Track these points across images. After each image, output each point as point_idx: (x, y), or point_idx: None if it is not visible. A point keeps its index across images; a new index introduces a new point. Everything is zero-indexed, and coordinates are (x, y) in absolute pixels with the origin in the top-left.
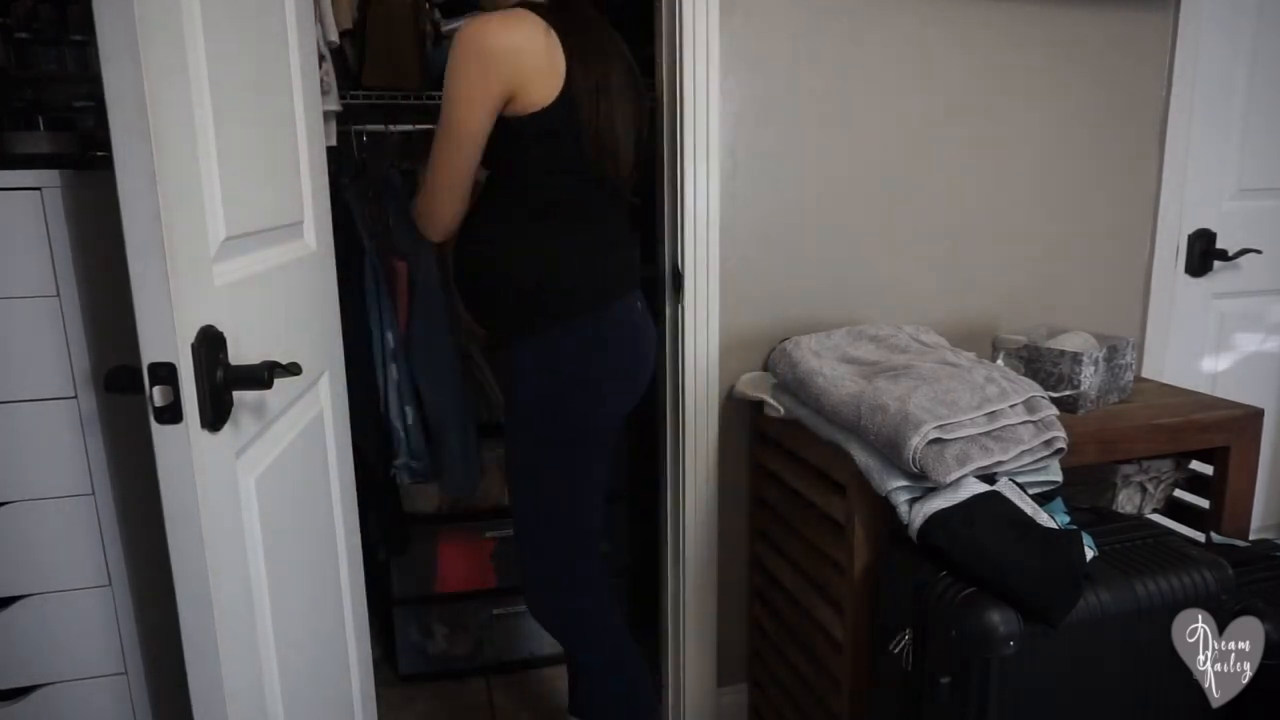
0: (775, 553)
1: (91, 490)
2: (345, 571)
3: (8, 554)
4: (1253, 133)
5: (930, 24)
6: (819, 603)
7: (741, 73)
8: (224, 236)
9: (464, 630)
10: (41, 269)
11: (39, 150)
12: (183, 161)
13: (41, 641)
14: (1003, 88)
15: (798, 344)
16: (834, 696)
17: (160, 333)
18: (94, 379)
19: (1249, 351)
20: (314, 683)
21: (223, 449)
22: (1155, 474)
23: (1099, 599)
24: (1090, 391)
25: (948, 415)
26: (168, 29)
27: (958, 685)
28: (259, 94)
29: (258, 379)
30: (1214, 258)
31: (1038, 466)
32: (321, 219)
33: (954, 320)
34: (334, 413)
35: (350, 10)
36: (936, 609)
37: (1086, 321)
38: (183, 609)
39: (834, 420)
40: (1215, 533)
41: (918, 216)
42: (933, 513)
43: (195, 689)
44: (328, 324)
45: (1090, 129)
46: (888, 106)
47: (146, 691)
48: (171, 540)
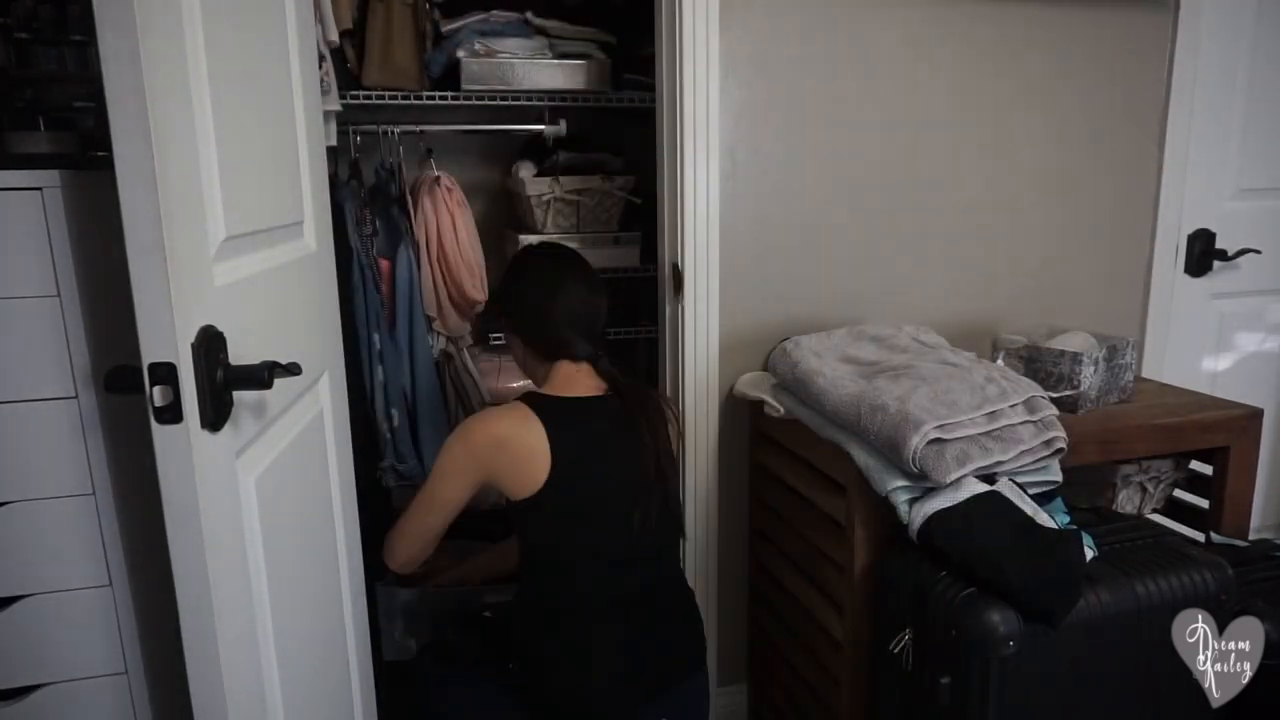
0: (775, 553)
1: (91, 490)
2: (345, 571)
3: (8, 554)
4: (1253, 133)
5: (930, 24)
6: (819, 603)
7: (741, 73)
8: (224, 236)
9: None
10: (41, 269)
11: (39, 150)
12: (183, 161)
13: (41, 641)
14: (1002, 88)
15: (798, 344)
16: (834, 696)
17: (160, 333)
18: (94, 379)
19: (1249, 351)
20: (314, 682)
21: (223, 449)
22: (1155, 474)
23: (1099, 599)
24: (1090, 391)
25: (948, 415)
26: (168, 29)
27: (958, 685)
28: (259, 94)
29: (258, 379)
30: (1214, 258)
31: (1038, 466)
32: (321, 219)
33: (954, 320)
34: (334, 413)
35: (350, 10)
36: (936, 609)
37: (1086, 321)
38: (183, 609)
39: (834, 420)
40: (1215, 533)
41: (917, 216)
42: (933, 513)
43: (195, 689)
44: (328, 324)
45: (1090, 129)
46: (888, 106)
47: (146, 691)
48: (171, 540)
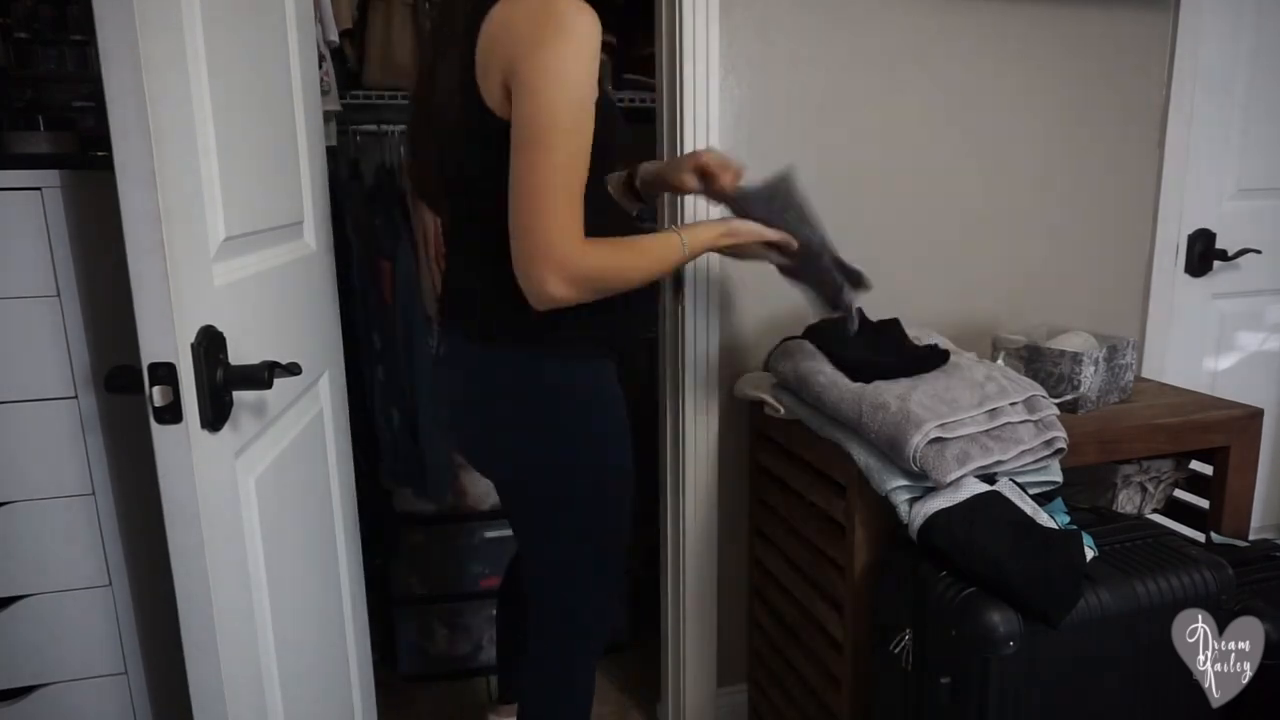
0: (775, 553)
1: (91, 490)
2: (345, 571)
3: (8, 554)
4: (1252, 133)
5: (930, 24)
6: (819, 603)
7: (741, 73)
8: (224, 236)
9: (464, 630)
10: (41, 269)
11: (39, 150)
12: (183, 161)
13: (41, 641)
14: (1002, 88)
15: (799, 344)
16: (834, 696)
17: (160, 333)
18: (94, 379)
19: (1249, 351)
20: (314, 682)
21: (222, 449)
22: (1155, 474)
23: (1099, 599)
24: (1090, 392)
25: (949, 414)
26: (168, 29)
27: (958, 685)
28: (259, 94)
29: (257, 379)
30: (1214, 258)
31: (1038, 466)
32: (321, 219)
33: (954, 320)
34: (334, 413)
35: (350, 10)
36: (936, 609)
37: (1086, 321)
38: (183, 609)
39: (835, 418)
40: (1215, 533)
41: (917, 216)
42: (933, 512)
43: (195, 689)
44: (327, 324)
45: (1090, 129)
46: (888, 106)
47: (146, 691)
48: (171, 540)
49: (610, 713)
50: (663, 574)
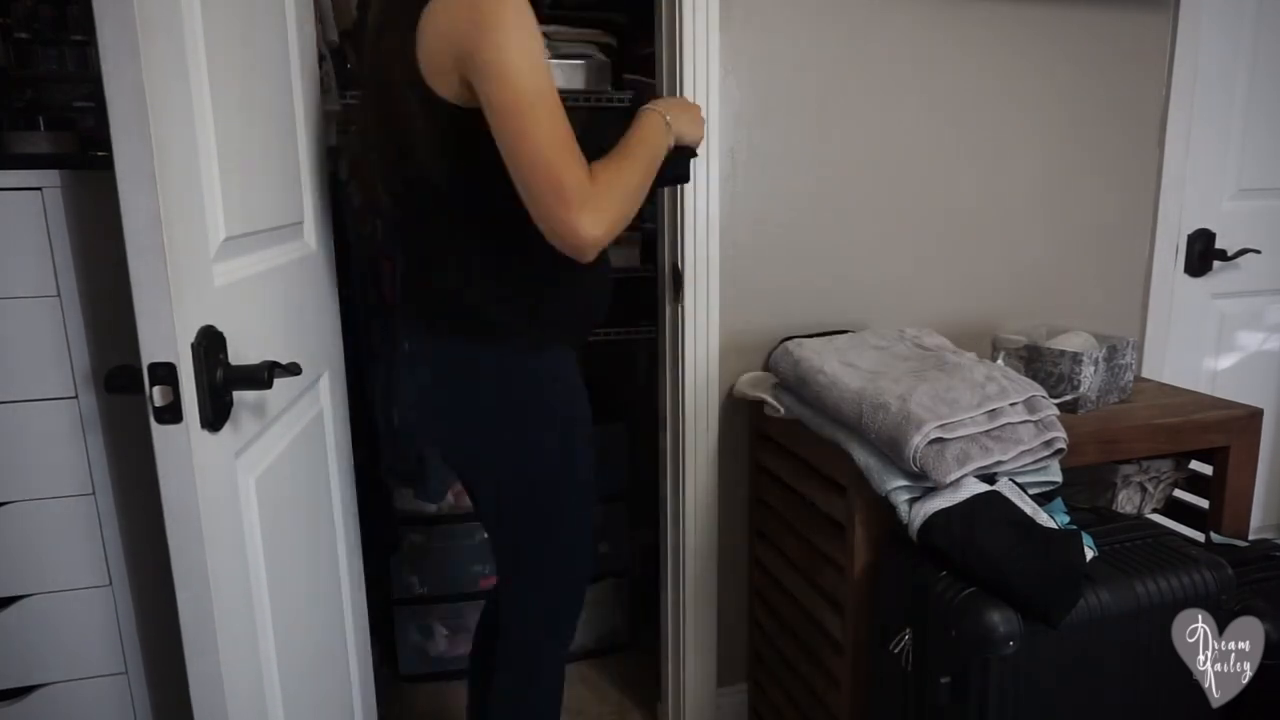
0: (775, 553)
1: (91, 490)
2: (345, 571)
3: (8, 554)
4: (1252, 133)
5: (930, 24)
6: (819, 603)
7: (741, 73)
8: (224, 236)
9: (464, 630)
10: (41, 269)
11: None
12: (183, 161)
13: (41, 641)
14: (1002, 88)
15: (800, 344)
16: (834, 696)
17: (160, 333)
18: (94, 379)
19: (1249, 351)
20: (314, 682)
21: (222, 449)
22: (1155, 474)
23: (1099, 599)
24: (1090, 392)
25: (949, 414)
26: (168, 29)
27: (958, 685)
28: (259, 94)
29: (257, 379)
30: (1214, 258)
31: (1038, 466)
32: (321, 219)
33: (954, 320)
34: (334, 413)
35: (350, 10)
36: (936, 609)
37: (1086, 321)
38: (183, 609)
39: (835, 418)
40: (1215, 533)
41: (918, 216)
42: (933, 513)
43: (195, 688)
44: (328, 324)
45: (1090, 129)
46: (888, 107)
47: (146, 691)
48: (171, 540)
49: (610, 713)
50: (663, 574)
